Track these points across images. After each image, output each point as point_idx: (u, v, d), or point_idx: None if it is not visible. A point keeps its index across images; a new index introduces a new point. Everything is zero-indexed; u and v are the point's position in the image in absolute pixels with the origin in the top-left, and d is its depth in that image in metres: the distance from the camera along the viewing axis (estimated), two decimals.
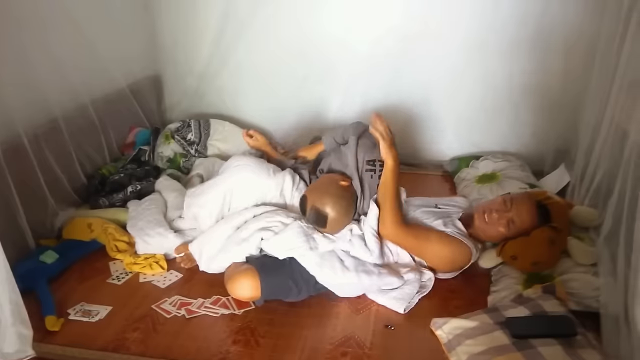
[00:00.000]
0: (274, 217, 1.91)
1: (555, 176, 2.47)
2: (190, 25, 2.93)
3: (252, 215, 1.95)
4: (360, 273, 1.78)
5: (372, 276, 1.79)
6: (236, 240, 1.87)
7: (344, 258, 1.82)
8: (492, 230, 1.89)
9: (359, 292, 1.82)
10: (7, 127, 1.97)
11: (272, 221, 1.89)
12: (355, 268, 1.79)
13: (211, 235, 1.95)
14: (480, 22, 2.59)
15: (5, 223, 1.91)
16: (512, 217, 1.85)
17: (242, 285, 1.73)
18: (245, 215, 1.96)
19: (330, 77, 2.89)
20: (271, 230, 1.86)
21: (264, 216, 1.92)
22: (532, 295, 1.68)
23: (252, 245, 1.85)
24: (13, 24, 1.99)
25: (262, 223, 1.89)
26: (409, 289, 1.81)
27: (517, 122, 2.74)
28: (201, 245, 1.94)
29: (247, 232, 1.87)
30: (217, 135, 2.71)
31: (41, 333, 1.63)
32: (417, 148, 2.91)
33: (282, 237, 1.84)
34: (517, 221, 1.85)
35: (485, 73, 2.69)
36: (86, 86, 2.41)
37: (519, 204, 1.87)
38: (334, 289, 1.80)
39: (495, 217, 1.87)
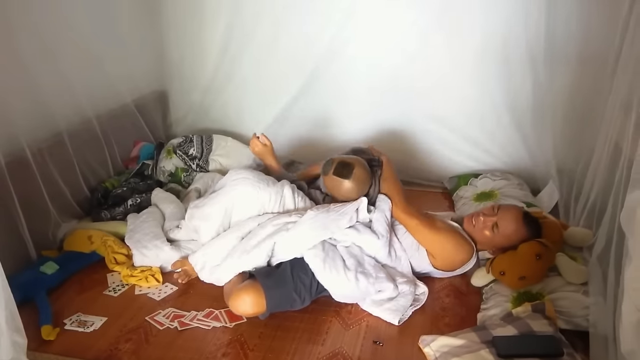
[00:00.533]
0: (279, 220, 1.93)
1: (547, 193, 2.48)
2: (196, 41, 3.00)
3: (257, 224, 1.98)
4: (358, 274, 1.81)
5: (370, 279, 1.82)
6: (245, 249, 1.88)
7: (346, 258, 1.86)
8: (479, 234, 1.95)
9: (355, 295, 1.83)
10: (12, 140, 2.02)
11: (278, 224, 1.92)
12: (355, 268, 1.82)
13: (215, 245, 1.97)
14: (480, 42, 2.62)
15: (8, 234, 1.97)
16: (496, 221, 1.91)
17: (246, 301, 1.72)
18: (249, 225, 1.98)
19: (335, 92, 2.93)
20: (281, 232, 1.88)
21: (269, 222, 1.95)
22: (521, 314, 1.69)
23: (263, 252, 1.86)
24: (19, 39, 2.06)
25: (269, 229, 1.91)
26: (403, 301, 1.83)
27: (517, 141, 2.75)
28: (204, 256, 1.95)
29: (257, 239, 1.89)
30: (219, 151, 2.76)
31: (37, 342, 1.67)
32: (417, 166, 2.92)
33: (298, 232, 1.86)
34: (501, 225, 1.90)
35: (486, 92, 2.71)
36: (91, 101, 2.47)
37: (504, 210, 1.95)
38: (331, 291, 1.82)
39: (481, 220, 1.94)
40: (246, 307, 1.73)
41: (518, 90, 2.64)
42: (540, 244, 1.84)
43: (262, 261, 1.88)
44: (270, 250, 1.87)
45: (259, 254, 1.86)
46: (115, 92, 2.68)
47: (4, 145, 1.98)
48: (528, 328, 1.59)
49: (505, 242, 1.91)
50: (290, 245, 1.87)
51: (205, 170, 2.69)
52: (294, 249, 1.87)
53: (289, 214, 1.98)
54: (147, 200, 2.39)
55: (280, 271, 1.83)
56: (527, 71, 2.59)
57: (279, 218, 1.95)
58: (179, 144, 2.77)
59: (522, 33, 2.53)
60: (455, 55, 2.69)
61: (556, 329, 1.61)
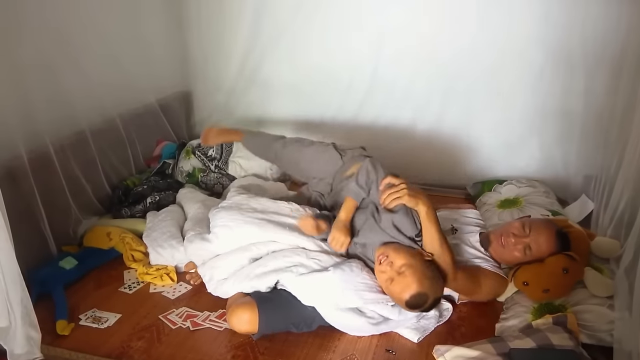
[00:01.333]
0: (293, 258, 1.83)
1: (578, 206, 2.40)
2: (220, 41, 3.02)
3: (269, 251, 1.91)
4: (381, 324, 1.72)
5: (390, 323, 1.73)
6: (249, 275, 1.81)
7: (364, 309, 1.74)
8: (508, 254, 1.85)
9: (372, 333, 1.75)
10: (35, 138, 2.06)
11: (291, 262, 1.82)
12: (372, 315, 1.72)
13: (224, 261, 1.92)
14: (502, 47, 2.57)
15: (29, 229, 2.00)
16: (529, 243, 1.80)
17: (241, 318, 1.68)
18: (261, 249, 1.91)
19: (358, 93, 2.90)
20: (290, 271, 1.78)
21: (282, 254, 1.86)
22: (541, 326, 1.62)
23: (264, 284, 1.78)
24: (45, 40, 2.09)
25: (279, 262, 1.82)
26: (425, 323, 1.77)
27: (542, 147, 2.69)
28: (212, 270, 1.91)
29: (262, 270, 1.81)
30: (239, 153, 2.75)
31: (52, 336, 1.69)
32: (441, 170, 2.87)
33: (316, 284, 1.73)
34: (534, 248, 1.81)
35: (509, 97, 2.65)
36: (114, 100, 2.51)
37: (537, 230, 1.83)
38: (343, 330, 1.74)
39: (512, 241, 1.82)
40: (239, 324, 1.69)
41: (546, 95, 2.57)
42: (569, 258, 1.76)
43: (262, 289, 1.79)
44: (272, 284, 1.79)
45: (259, 284, 1.79)
46: (139, 91, 2.71)
47: (28, 142, 2.01)
48: (547, 341, 1.52)
49: (533, 260, 1.81)
50: (298, 290, 1.75)
51: (225, 171, 2.69)
52: (301, 295, 1.73)
53: (307, 255, 1.84)
54: (165, 198, 2.41)
55: (283, 296, 1.75)
56: (558, 75, 2.52)
57: (294, 255, 1.84)
58: (198, 145, 2.78)
59: (554, 37, 2.47)
60: (486, 60, 2.63)
61: (577, 344, 1.55)
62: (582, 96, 2.49)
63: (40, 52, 2.08)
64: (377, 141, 2.94)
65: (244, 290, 1.81)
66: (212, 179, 2.65)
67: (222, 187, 2.64)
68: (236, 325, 1.70)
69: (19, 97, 1.98)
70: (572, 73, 2.48)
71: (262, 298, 1.74)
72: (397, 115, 2.87)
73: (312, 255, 1.85)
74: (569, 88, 2.51)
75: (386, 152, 2.94)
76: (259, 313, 1.67)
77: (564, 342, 1.52)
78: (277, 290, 1.78)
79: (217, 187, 2.64)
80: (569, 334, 1.57)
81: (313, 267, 1.79)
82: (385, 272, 1.68)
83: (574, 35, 2.40)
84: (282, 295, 1.75)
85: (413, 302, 1.63)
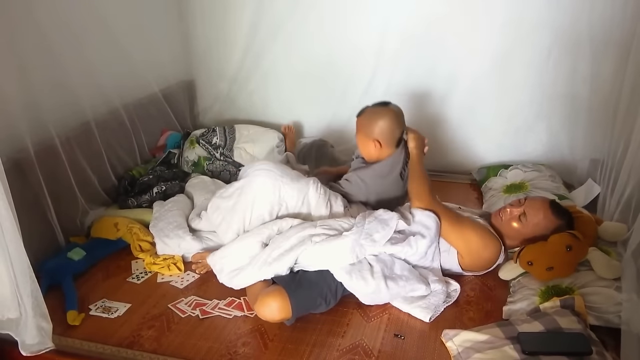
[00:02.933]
0: (304, 232, 1.84)
1: (584, 190, 2.39)
2: (222, 30, 3.01)
3: (277, 229, 1.91)
4: (388, 280, 1.76)
5: (400, 282, 1.77)
6: (267, 260, 1.81)
7: (374, 264, 1.79)
8: (507, 226, 1.89)
9: (385, 300, 1.80)
10: (40, 129, 2.06)
11: (303, 236, 1.83)
12: (384, 275, 1.76)
13: (233, 249, 1.91)
14: (508, 31, 2.56)
15: (37, 221, 2.01)
16: (523, 211, 1.86)
17: (272, 307, 1.67)
18: (269, 229, 1.91)
19: (361, 81, 2.89)
20: (305, 245, 1.79)
21: (293, 232, 1.86)
22: (549, 309, 1.63)
23: (285, 265, 1.78)
24: (48, 30, 2.08)
25: (293, 240, 1.82)
26: (435, 300, 1.78)
27: (549, 131, 2.68)
28: (222, 260, 1.91)
29: (279, 251, 1.81)
30: (243, 139, 2.76)
31: (63, 327, 1.71)
32: (446, 156, 2.87)
33: (328, 248, 1.78)
34: (529, 214, 1.85)
35: (516, 81, 2.64)
36: (119, 91, 2.50)
37: (531, 199, 1.91)
38: (359, 296, 1.78)
39: (508, 212, 1.89)
40: (273, 313, 1.68)
41: (553, 79, 2.56)
42: (572, 236, 1.77)
43: (283, 272, 1.80)
44: (293, 263, 1.80)
45: (280, 267, 1.78)
46: (143, 81, 2.70)
47: (34, 134, 2.01)
48: (555, 325, 1.53)
49: (535, 233, 1.84)
50: (318, 260, 1.79)
51: (231, 159, 2.69)
52: (322, 264, 1.79)
53: (314, 225, 1.88)
54: (171, 188, 2.41)
55: (304, 275, 1.78)
56: (565, 59, 2.51)
57: (304, 229, 1.86)
58: (201, 134, 2.78)
59: (560, 20, 2.45)
60: (493, 43, 2.62)
61: (585, 326, 1.55)
62: (589, 80, 2.47)
63: (44, 45, 2.07)
64: None
65: (265, 277, 1.80)
66: (218, 167, 2.66)
67: (229, 174, 2.64)
68: (269, 314, 1.68)
69: (24, 91, 1.98)
70: (579, 57, 2.46)
71: (287, 282, 1.75)
72: (401, 101, 2.84)
73: (320, 223, 1.89)
74: (576, 72, 2.49)
75: None
76: (289, 296, 1.68)
77: (572, 325, 1.53)
78: (296, 272, 1.81)
79: (224, 174, 2.64)
80: (576, 317, 1.57)
81: (326, 234, 1.83)
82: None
83: (582, 19, 2.38)
84: (304, 274, 1.78)
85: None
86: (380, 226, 1.84)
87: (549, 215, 1.83)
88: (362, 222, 1.88)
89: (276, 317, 1.68)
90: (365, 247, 1.79)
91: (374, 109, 2.08)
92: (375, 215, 1.90)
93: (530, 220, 1.84)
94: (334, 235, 1.83)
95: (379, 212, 1.92)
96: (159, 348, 1.64)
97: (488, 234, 1.87)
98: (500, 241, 1.87)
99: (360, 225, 1.86)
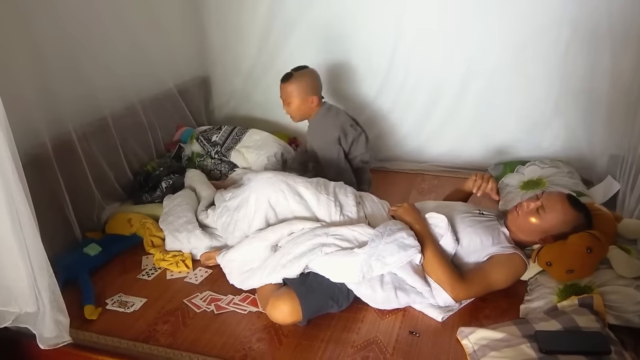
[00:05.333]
0: (316, 240, 1.80)
1: (603, 187, 2.35)
2: (237, 26, 3.01)
3: (286, 233, 1.89)
4: (398, 290, 1.73)
5: (411, 294, 1.74)
6: (276, 267, 1.79)
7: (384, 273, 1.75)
8: (524, 222, 1.82)
9: (395, 307, 1.76)
10: (58, 125, 2.08)
11: (314, 244, 1.79)
12: (393, 285, 1.74)
13: (241, 252, 1.91)
14: (525, 24, 2.52)
15: (54, 216, 2.04)
16: (540, 204, 1.79)
17: (283, 310, 1.67)
18: (280, 231, 1.90)
19: (377, 76, 2.88)
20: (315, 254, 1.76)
21: (304, 238, 1.82)
22: (567, 307, 1.61)
23: (294, 272, 1.76)
24: (66, 27, 2.11)
25: (302, 248, 1.79)
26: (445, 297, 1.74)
27: (566, 127, 2.63)
28: (231, 263, 1.91)
29: (288, 258, 1.79)
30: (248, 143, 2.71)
31: (80, 321, 1.73)
32: (462, 152, 2.85)
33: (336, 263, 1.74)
34: (547, 206, 1.78)
35: (533, 76, 2.60)
36: (135, 87, 2.53)
37: (549, 193, 1.84)
38: (368, 302, 1.76)
39: (525, 206, 1.82)
40: (284, 316, 1.68)
41: (571, 73, 2.52)
42: (592, 236, 1.72)
43: (293, 276, 1.78)
44: (302, 270, 1.77)
45: (289, 273, 1.77)
46: (158, 78, 2.72)
47: (51, 130, 2.03)
48: (573, 323, 1.51)
49: (554, 228, 1.77)
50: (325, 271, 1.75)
51: (227, 158, 2.67)
52: (329, 276, 1.75)
53: (327, 233, 1.82)
54: (177, 180, 2.44)
55: (315, 277, 1.75)
56: (583, 53, 2.46)
57: (316, 236, 1.81)
58: (204, 130, 2.78)
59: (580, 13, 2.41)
60: (509, 37, 2.58)
61: (604, 325, 1.53)
62: (608, 74, 2.43)
63: (61, 40, 2.09)
64: (396, 122, 2.93)
65: (275, 281, 1.79)
66: (209, 165, 2.64)
67: (220, 173, 2.62)
68: (280, 317, 1.68)
69: (41, 86, 2.00)
70: (598, 50, 2.42)
71: (297, 284, 1.73)
72: (417, 96, 2.84)
73: (332, 232, 1.83)
74: (594, 66, 2.45)
75: (405, 134, 2.93)
76: (299, 299, 1.67)
77: (590, 324, 1.51)
78: (306, 274, 1.78)
79: (214, 173, 2.63)
80: (595, 316, 1.55)
81: (337, 245, 1.78)
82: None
83: (600, 11, 2.33)
84: (315, 277, 1.76)
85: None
86: (396, 249, 1.71)
87: (567, 208, 1.77)
88: (378, 240, 1.76)
89: (287, 320, 1.68)
90: (374, 268, 1.70)
91: (302, 71, 2.42)
92: (396, 237, 1.75)
93: (549, 212, 1.77)
94: (345, 249, 1.77)
95: (401, 234, 1.76)
96: (174, 343, 1.65)
97: (510, 263, 1.77)
98: (520, 256, 1.79)
99: (374, 244, 1.75)
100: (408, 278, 1.74)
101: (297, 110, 2.45)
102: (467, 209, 1.98)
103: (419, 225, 1.84)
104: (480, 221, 1.89)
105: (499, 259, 1.78)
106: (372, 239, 1.77)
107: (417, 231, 1.80)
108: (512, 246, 1.81)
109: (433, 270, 1.74)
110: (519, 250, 1.80)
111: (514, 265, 1.78)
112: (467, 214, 1.92)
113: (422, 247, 1.74)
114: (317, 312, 1.73)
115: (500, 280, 1.76)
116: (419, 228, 1.82)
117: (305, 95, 2.40)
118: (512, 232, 1.86)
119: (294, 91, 2.40)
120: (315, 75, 2.45)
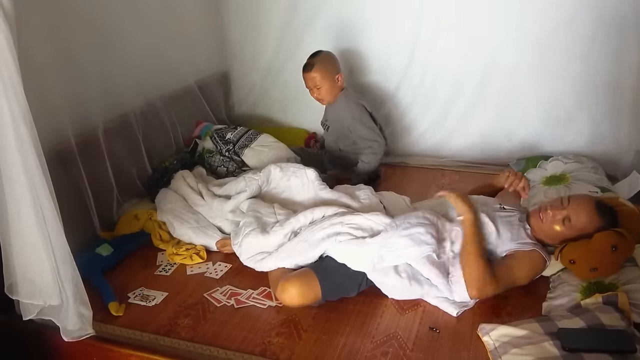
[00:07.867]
0: (331, 229, 1.83)
1: (627, 182, 2.30)
2: (256, 22, 3.02)
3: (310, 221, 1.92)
4: (412, 280, 1.74)
5: (424, 286, 1.75)
6: (291, 254, 1.84)
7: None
8: (548, 229, 1.78)
9: (409, 297, 1.77)
10: (82, 121, 2.11)
11: (328, 233, 1.82)
12: (407, 273, 1.75)
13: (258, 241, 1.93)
14: (548, 16, 2.47)
15: (77, 212, 2.06)
16: (567, 215, 1.74)
17: (291, 292, 1.70)
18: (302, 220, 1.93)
19: (396, 71, 2.86)
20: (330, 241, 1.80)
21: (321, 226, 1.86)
22: (590, 305, 1.58)
23: (310, 260, 1.82)
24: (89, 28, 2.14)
25: (317, 237, 1.83)
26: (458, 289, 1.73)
27: (591, 121, 2.59)
28: (248, 248, 1.93)
29: (303, 245, 1.83)
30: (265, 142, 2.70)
31: (102, 314, 1.75)
32: (484, 147, 2.81)
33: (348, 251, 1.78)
34: (573, 218, 1.73)
35: (557, 69, 2.55)
36: (156, 83, 2.55)
37: (576, 201, 1.77)
38: (381, 288, 1.78)
39: (550, 214, 1.77)
40: (291, 297, 1.70)
41: (595, 67, 2.47)
42: (618, 234, 1.68)
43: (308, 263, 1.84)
44: (317, 257, 1.82)
45: (304, 260, 1.82)
46: (178, 74, 2.74)
47: (75, 126, 2.06)
48: (597, 321, 1.48)
49: (577, 235, 1.74)
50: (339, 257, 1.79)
51: (239, 156, 2.66)
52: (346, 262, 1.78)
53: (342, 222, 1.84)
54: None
55: (330, 260, 1.80)
56: (609, 46, 2.41)
57: (332, 225, 1.84)
58: (219, 128, 2.78)
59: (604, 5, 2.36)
60: (532, 31, 2.54)
61: (629, 323, 1.50)
62: (635, 68, 2.38)
63: (86, 40, 2.12)
64: (416, 117, 2.90)
65: (287, 267, 1.83)
66: (216, 161, 2.64)
67: (226, 170, 2.61)
68: (288, 299, 1.71)
69: (66, 84, 2.02)
70: (624, 43, 2.37)
71: (315, 265, 1.77)
72: (438, 90, 2.81)
73: (348, 221, 1.85)
74: (620, 59, 2.40)
75: (425, 129, 2.91)
76: (319, 278, 1.70)
77: (615, 322, 1.48)
78: (323, 257, 1.82)
79: (221, 169, 2.62)
80: (620, 314, 1.52)
81: (351, 234, 1.81)
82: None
83: (627, 3, 2.28)
84: (330, 259, 1.80)
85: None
86: (411, 243, 1.73)
87: (595, 218, 1.72)
88: (392, 232, 1.78)
89: (295, 301, 1.71)
90: (385, 259, 1.73)
91: (320, 55, 2.52)
92: (412, 232, 1.75)
93: (575, 224, 1.72)
94: (358, 238, 1.80)
95: (418, 229, 1.76)
96: (195, 336, 1.67)
97: (531, 260, 1.75)
98: (540, 252, 1.76)
99: (387, 235, 1.77)
100: (424, 270, 1.75)
101: (329, 92, 2.53)
102: (488, 201, 1.97)
103: (471, 214, 1.76)
104: (501, 216, 1.87)
105: (519, 256, 1.76)
106: (385, 229, 1.79)
107: (467, 220, 1.75)
108: (532, 242, 1.78)
109: (469, 265, 1.69)
110: (539, 247, 1.78)
111: (533, 262, 1.76)
112: (488, 207, 1.90)
113: (467, 237, 1.72)
114: (336, 292, 1.75)
115: (521, 278, 1.75)
116: (470, 217, 1.75)
117: (332, 76, 2.50)
118: (533, 231, 1.83)
119: (321, 76, 2.49)
120: (333, 55, 2.57)
